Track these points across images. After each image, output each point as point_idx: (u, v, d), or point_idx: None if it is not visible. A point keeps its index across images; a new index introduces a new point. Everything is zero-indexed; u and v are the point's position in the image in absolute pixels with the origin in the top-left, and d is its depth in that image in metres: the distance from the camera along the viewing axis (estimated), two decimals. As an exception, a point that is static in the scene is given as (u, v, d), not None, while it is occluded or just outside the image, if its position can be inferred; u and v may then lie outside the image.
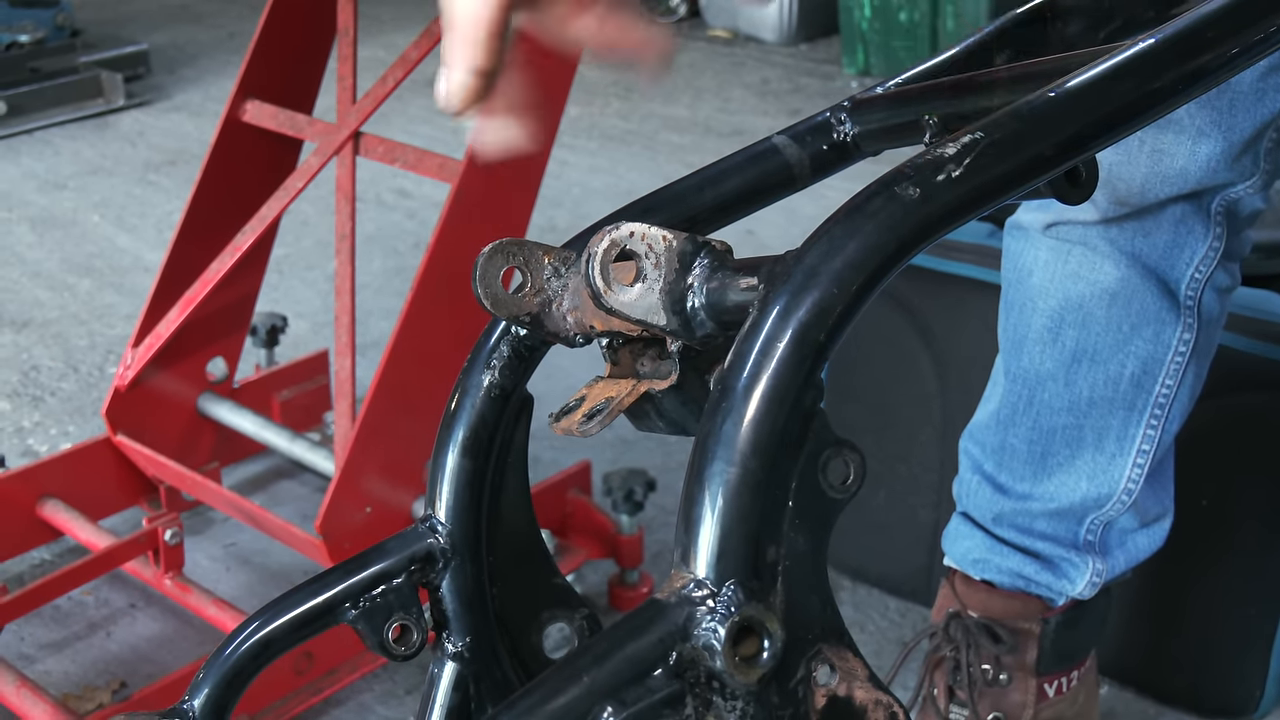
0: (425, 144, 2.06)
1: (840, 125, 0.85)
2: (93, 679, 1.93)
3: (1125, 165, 1.35)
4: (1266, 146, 1.35)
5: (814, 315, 0.55)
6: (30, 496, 2.06)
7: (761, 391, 0.54)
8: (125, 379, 2.11)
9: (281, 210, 2.01)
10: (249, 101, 2.06)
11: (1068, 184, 0.66)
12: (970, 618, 1.55)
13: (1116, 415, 1.46)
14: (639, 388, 0.69)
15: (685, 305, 0.62)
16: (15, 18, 4.38)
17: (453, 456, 0.74)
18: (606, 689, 0.52)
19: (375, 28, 5.08)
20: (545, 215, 3.46)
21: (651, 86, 4.54)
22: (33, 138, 4.22)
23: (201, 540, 2.24)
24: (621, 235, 0.62)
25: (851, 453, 0.56)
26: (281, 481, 2.40)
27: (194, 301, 2.06)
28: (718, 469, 0.54)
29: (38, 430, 2.57)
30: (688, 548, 0.54)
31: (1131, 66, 0.62)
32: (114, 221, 3.60)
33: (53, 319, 3.04)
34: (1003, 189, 0.59)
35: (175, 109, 4.52)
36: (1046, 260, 1.46)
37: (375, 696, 1.90)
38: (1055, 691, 1.56)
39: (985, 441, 1.55)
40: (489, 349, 0.75)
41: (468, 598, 0.75)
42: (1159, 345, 1.43)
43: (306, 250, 3.36)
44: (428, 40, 1.90)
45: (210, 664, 0.72)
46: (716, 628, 0.52)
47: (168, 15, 5.65)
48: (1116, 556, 1.54)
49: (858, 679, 0.57)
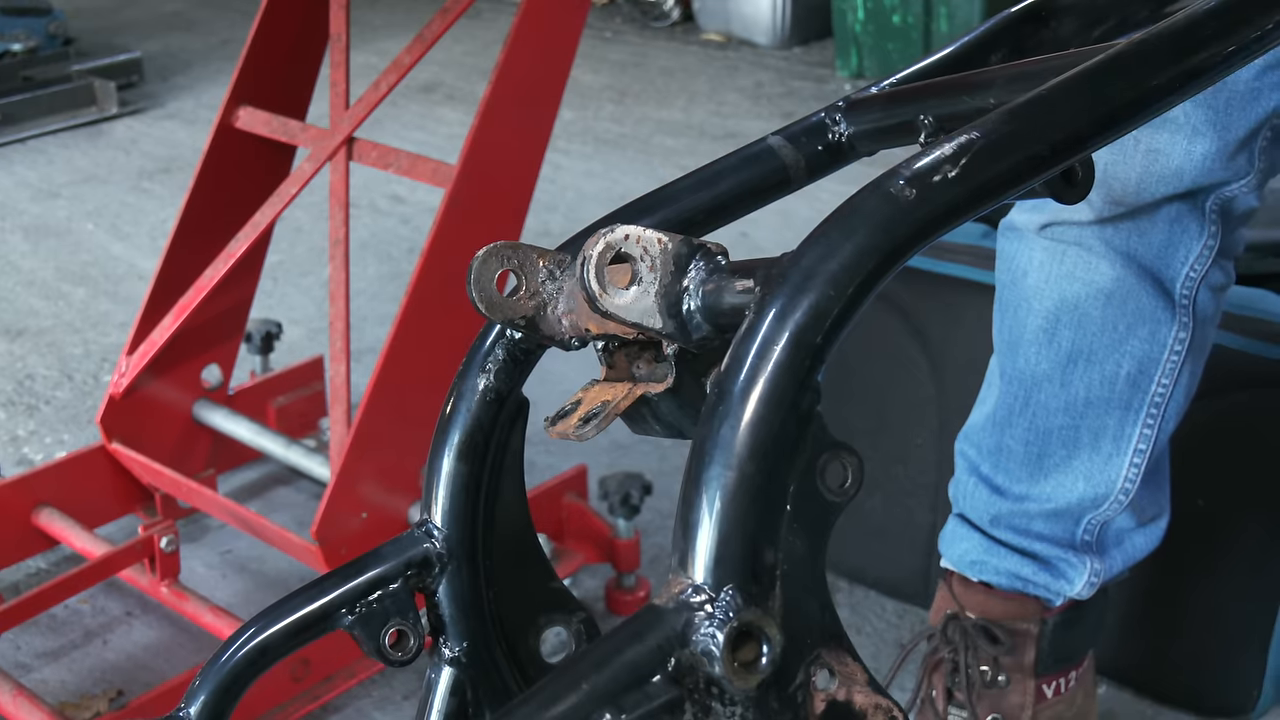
0: (419, 149, 2.06)
1: (835, 126, 0.85)
2: (89, 687, 1.92)
3: (1120, 165, 1.35)
4: (1261, 145, 1.35)
5: (811, 318, 0.55)
6: (26, 505, 2.06)
7: (758, 395, 0.54)
8: (120, 387, 2.11)
9: (275, 216, 2.01)
10: (242, 108, 2.06)
11: (1064, 183, 0.66)
12: (968, 619, 1.54)
13: (1113, 415, 1.46)
14: (635, 391, 0.68)
15: (681, 308, 0.62)
16: (8, 26, 4.38)
17: (448, 461, 0.74)
18: (605, 695, 0.52)
19: (367, 34, 5.09)
20: (540, 219, 3.46)
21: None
22: (26, 146, 4.21)
23: (197, 547, 2.23)
24: (616, 238, 0.61)
25: (849, 455, 0.56)
26: (277, 488, 2.39)
27: (188, 309, 2.05)
28: (715, 473, 0.54)
29: (33, 439, 2.57)
30: (685, 553, 0.53)
31: (1126, 65, 0.62)
32: (108, 229, 3.59)
33: (47, 327, 3.03)
34: (999, 189, 0.59)
35: (169, 116, 4.52)
36: (1041, 261, 1.46)
37: (373, 703, 1.90)
38: (1054, 692, 1.56)
39: (981, 443, 1.54)
40: (484, 352, 0.75)
41: (464, 602, 0.75)
42: (1154, 344, 1.43)
43: (301, 257, 3.35)
44: (420, 46, 1.90)
45: (206, 671, 0.72)
46: (715, 633, 0.52)
47: (161, 23, 5.64)
48: (1114, 556, 1.54)
49: (857, 683, 0.56)
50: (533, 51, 1.85)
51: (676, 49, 5.28)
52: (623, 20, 5.71)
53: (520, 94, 1.85)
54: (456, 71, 4.92)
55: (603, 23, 5.63)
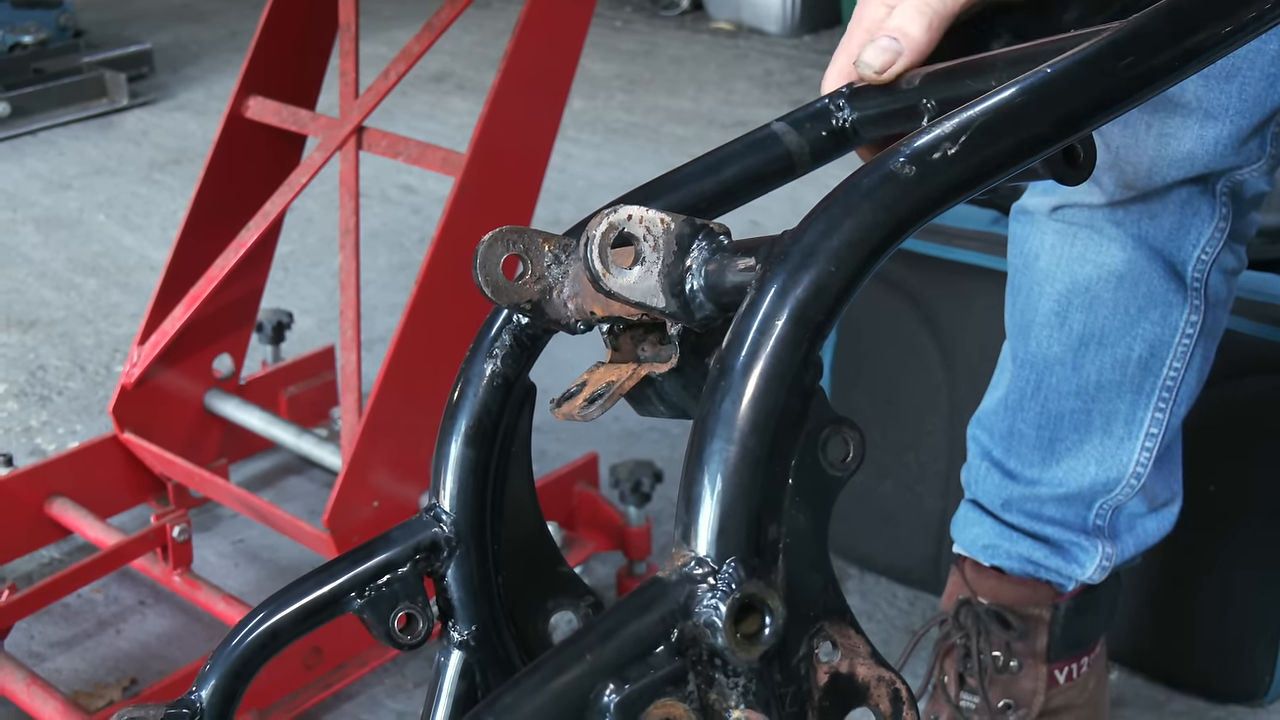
0: (429, 138, 2.06)
1: (839, 111, 0.85)
2: (103, 676, 1.93)
3: (1132, 148, 1.35)
4: (1274, 130, 1.35)
5: (811, 294, 0.55)
6: (39, 495, 2.07)
7: (760, 370, 0.54)
8: (132, 377, 2.12)
9: (285, 206, 2.02)
10: (252, 98, 2.06)
11: (1065, 164, 0.66)
12: (980, 605, 1.55)
13: (1124, 399, 1.46)
14: (640, 371, 0.69)
15: (684, 287, 0.62)
16: (18, 19, 4.38)
17: (456, 445, 0.74)
18: (609, 667, 0.52)
19: (377, 23, 5.08)
20: (550, 208, 3.46)
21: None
22: (37, 138, 4.22)
23: (210, 536, 2.24)
24: (619, 218, 0.62)
25: (851, 430, 0.56)
26: (289, 477, 2.40)
27: (199, 299, 2.06)
28: (717, 447, 0.54)
29: (45, 429, 2.58)
30: (688, 526, 0.54)
31: (1127, 44, 0.62)
32: (119, 221, 3.60)
33: (59, 318, 3.04)
34: (999, 167, 0.59)
35: (179, 108, 4.53)
36: (1053, 244, 1.46)
37: (385, 690, 1.91)
38: (1066, 678, 1.56)
39: (993, 428, 1.54)
40: (491, 338, 0.75)
41: (473, 586, 0.75)
42: (1166, 327, 1.43)
43: (311, 247, 3.36)
44: (429, 35, 1.90)
45: (217, 655, 0.72)
46: (718, 605, 0.52)
47: (171, 14, 5.65)
48: (1126, 541, 1.54)
49: (860, 656, 0.57)
50: (542, 40, 1.85)
51: (686, 38, 5.28)
52: (632, 9, 5.70)
53: (529, 83, 1.85)
54: (466, 61, 4.92)
55: (612, 12, 5.63)
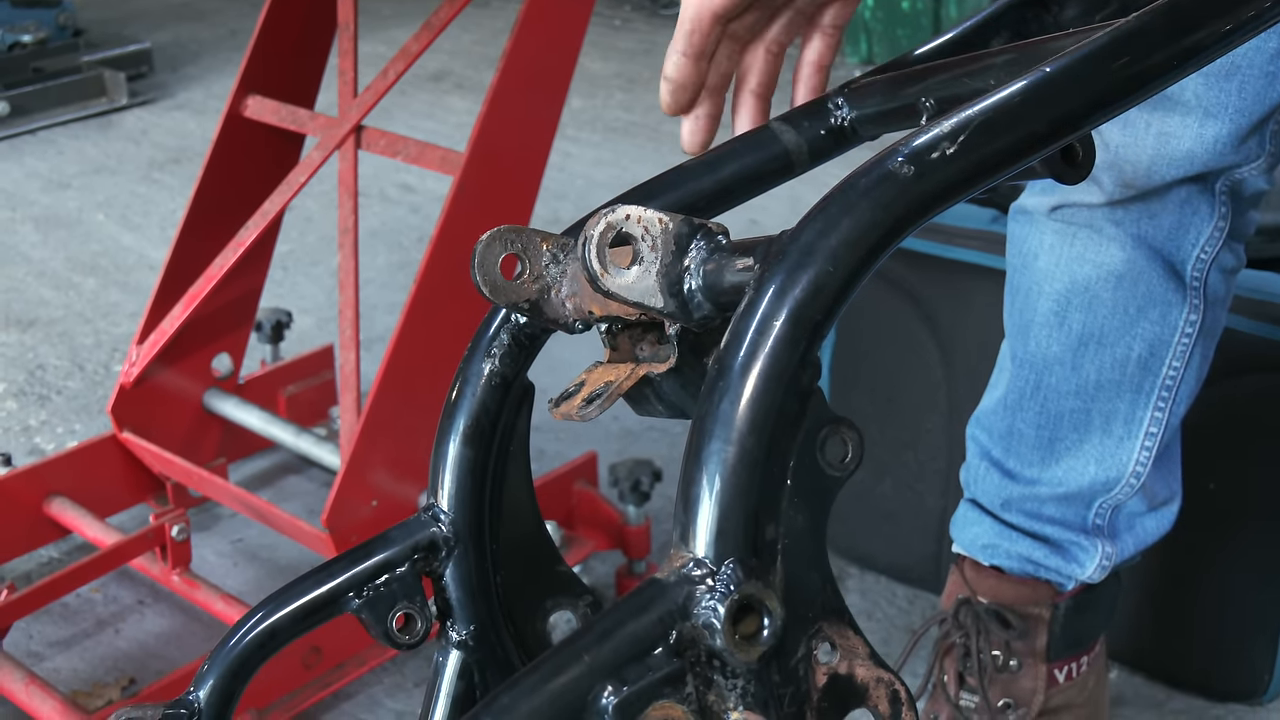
0: (427, 137, 2.06)
1: (838, 110, 0.85)
2: (102, 676, 1.93)
3: (1131, 148, 1.35)
4: (1273, 129, 1.35)
5: (809, 293, 0.55)
6: (37, 494, 2.07)
7: (758, 370, 0.54)
8: (130, 376, 2.12)
9: (284, 205, 2.01)
10: (250, 97, 2.06)
11: (1064, 163, 0.66)
12: (980, 604, 1.54)
13: (1124, 398, 1.46)
14: (638, 371, 0.69)
15: (682, 287, 0.62)
16: (18, 18, 4.38)
17: (454, 445, 0.74)
18: (607, 668, 0.52)
19: (376, 23, 5.08)
20: (550, 208, 3.46)
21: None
22: (36, 137, 4.22)
23: (209, 536, 2.24)
24: (617, 218, 0.61)
25: (849, 430, 0.56)
26: (288, 476, 2.40)
27: (198, 298, 2.06)
28: (715, 448, 0.54)
29: (44, 428, 2.58)
30: (686, 527, 0.54)
31: (1125, 42, 0.62)
32: (118, 220, 3.60)
33: (58, 318, 3.04)
34: (998, 166, 0.59)
35: (178, 107, 4.53)
36: (1052, 244, 1.46)
37: (384, 690, 1.90)
38: (1065, 677, 1.56)
39: (993, 427, 1.54)
40: (489, 337, 0.75)
41: (471, 586, 0.75)
42: (1165, 327, 1.43)
43: (310, 246, 3.36)
44: (428, 34, 1.90)
45: (215, 655, 0.72)
46: (716, 606, 0.52)
47: (170, 13, 5.65)
48: (1125, 540, 1.54)
49: (859, 657, 0.56)
50: (540, 39, 1.85)
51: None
52: (631, 8, 5.70)
53: (528, 82, 1.85)
54: (465, 60, 4.92)
55: (611, 10, 5.63)
